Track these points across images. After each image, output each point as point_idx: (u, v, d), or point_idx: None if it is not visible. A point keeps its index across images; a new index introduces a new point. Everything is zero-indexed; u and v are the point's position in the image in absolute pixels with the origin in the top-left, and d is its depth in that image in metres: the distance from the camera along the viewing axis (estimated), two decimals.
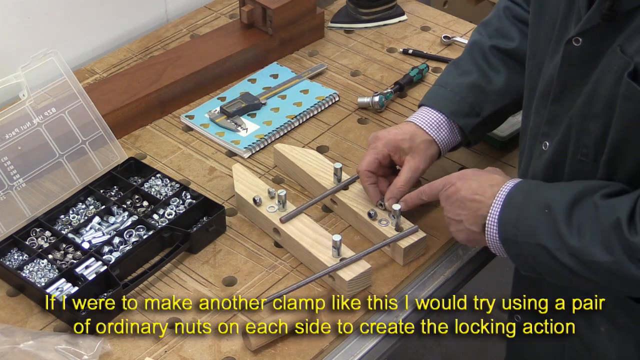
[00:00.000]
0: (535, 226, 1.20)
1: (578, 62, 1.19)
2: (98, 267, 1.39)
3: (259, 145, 1.65)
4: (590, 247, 1.15)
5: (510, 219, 1.24)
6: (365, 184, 1.45)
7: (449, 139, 1.47)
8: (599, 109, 1.17)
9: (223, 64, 1.78)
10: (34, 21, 1.77)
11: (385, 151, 1.44)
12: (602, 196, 1.16)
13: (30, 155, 1.48)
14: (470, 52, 1.50)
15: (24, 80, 1.47)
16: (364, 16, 1.95)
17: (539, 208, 1.20)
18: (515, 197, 1.25)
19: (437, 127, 1.45)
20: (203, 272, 1.42)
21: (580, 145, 1.21)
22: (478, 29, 1.53)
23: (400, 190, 1.43)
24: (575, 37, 1.18)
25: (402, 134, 1.44)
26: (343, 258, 1.37)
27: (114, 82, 1.73)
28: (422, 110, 1.48)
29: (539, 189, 1.24)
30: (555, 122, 1.25)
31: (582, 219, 1.16)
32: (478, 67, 1.48)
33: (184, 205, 1.50)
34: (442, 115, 1.46)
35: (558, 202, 1.19)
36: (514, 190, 1.26)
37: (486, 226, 1.27)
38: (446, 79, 1.50)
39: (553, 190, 1.22)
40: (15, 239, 1.44)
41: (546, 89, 1.26)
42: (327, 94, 1.75)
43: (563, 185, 1.23)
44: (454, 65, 1.52)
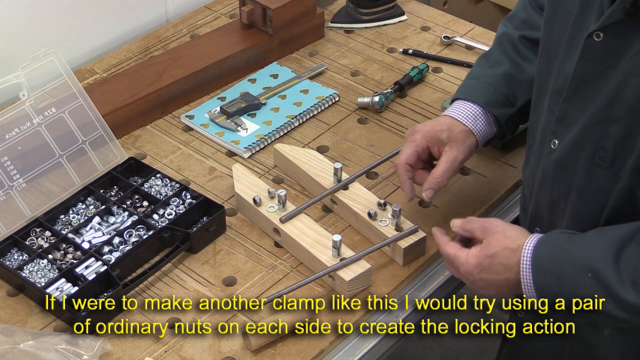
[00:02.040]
0: (582, 293, 1.15)
1: (598, 58, 1.16)
2: (98, 267, 1.39)
3: (259, 145, 1.65)
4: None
5: (546, 286, 1.19)
6: (403, 178, 1.41)
7: (486, 129, 1.45)
8: (622, 112, 1.13)
9: (223, 64, 1.78)
10: (34, 21, 1.77)
11: (424, 143, 1.41)
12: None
13: (30, 155, 1.48)
14: (499, 44, 1.49)
15: (24, 80, 1.47)
16: (364, 16, 1.95)
17: (579, 272, 1.16)
18: (545, 260, 1.20)
19: (474, 118, 1.43)
20: (203, 272, 1.42)
21: (598, 149, 1.18)
22: (504, 22, 1.52)
23: (438, 180, 1.40)
24: (596, 31, 1.15)
25: (439, 125, 1.42)
26: (343, 258, 1.37)
27: (114, 82, 1.73)
28: (456, 104, 1.46)
29: (568, 250, 1.18)
30: (566, 120, 1.23)
31: (634, 271, 1.12)
32: (509, 58, 1.46)
33: (184, 205, 1.50)
34: (477, 107, 1.44)
35: (600, 261, 1.14)
36: (540, 252, 1.20)
37: (524, 292, 1.22)
38: (478, 71, 1.49)
39: (587, 248, 1.17)
40: (15, 239, 1.44)
41: (560, 86, 1.23)
42: (327, 94, 1.75)
43: (595, 239, 1.18)
44: (484, 58, 1.51)
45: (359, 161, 1.61)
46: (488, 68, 1.48)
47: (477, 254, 1.25)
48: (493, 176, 1.59)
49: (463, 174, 1.60)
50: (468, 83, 1.49)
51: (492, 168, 1.61)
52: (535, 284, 1.20)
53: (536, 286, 1.20)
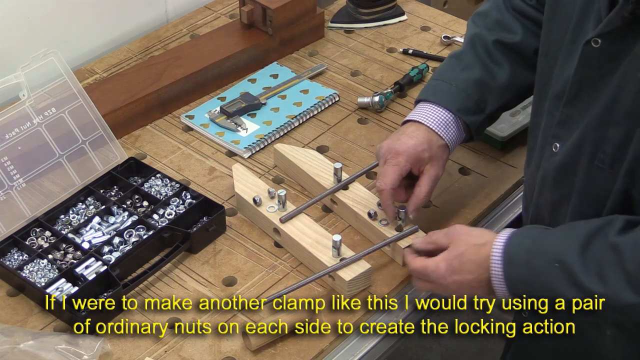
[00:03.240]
0: (550, 282, 1.17)
1: (596, 63, 1.17)
2: (98, 267, 1.39)
3: (259, 145, 1.65)
4: (619, 291, 1.12)
5: (516, 276, 1.21)
6: (388, 202, 1.40)
7: (457, 137, 1.44)
8: (620, 115, 1.14)
9: (223, 64, 1.78)
10: (34, 21, 1.77)
11: (408, 166, 1.39)
12: (618, 233, 1.14)
13: (30, 155, 1.48)
14: (472, 46, 1.46)
15: (24, 80, 1.47)
16: (364, 16, 1.95)
17: (548, 263, 1.18)
18: (516, 251, 1.22)
19: (446, 126, 1.42)
20: (203, 272, 1.42)
21: (597, 151, 1.18)
22: (474, 20, 1.49)
23: (424, 201, 1.41)
24: (594, 38, 1.15)
25: (421, 145, 1.39)
26: (343, 258, 1.37)
27: (114, 82, 1.73)
28: (426, 108, 1.43)
29: (539, 242, 1.21)
30: (567, 124, 1.23)
31: (599, 263, 1.14)
32: (481, 62, 1.44)
33: (184, 205, 1.50)
34: (448, 113, 1.42)
35: (568, 252, 1.16)
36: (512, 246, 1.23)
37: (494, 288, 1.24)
38: (449, 74, 1.46)
39: (556, 240, 1.20)
40: (15, 239, 1.44)
41: (560, 90, 1.24)
42: (327, 94, 1.75)
43: (565, 232, 1.20)
44: (455, 58, 1.48)
45: (359, 161, 1.61)
46: (460, 71, 1.45)
47: (446, 257, 1.27)
48: (493, 176, 1.59)
49: (463, 174, 1.60)
50: (439, 85, 1.46)
51: (492, 168, 1.61)
52: (505, 274, 1.22)
53: (506, 277, 1.22)
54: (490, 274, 1.23)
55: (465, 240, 1.27)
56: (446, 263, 1.27)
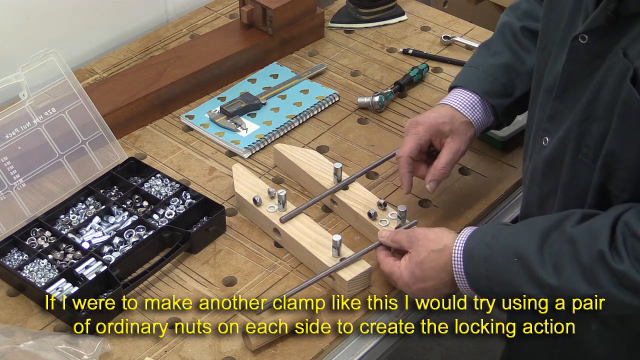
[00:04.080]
0: (511, 278, 1.20)
1: (583, 59, 1.19)
2: (98, 267, 1.39)
3: (259, 145, 1.65)
4: (573, 283, 1.15)
5: (477, 271, 1.24)
6: (404, 170, 1.42)
7: (483, 119, 1.46)
8: (601, 111, 1.16)
9: (223, 64, 1.78)
10: (34, 21, 1.77)
11: (427, 136, 1.42)
12: (574, 225, 1.17)
13: (30, 155, 1.48)
14: (501, 33, 1.50)
15: (24, 80, 1.47)
16: (364, 16, 1.95)
17: (507, 258, 1.20)
18: (476, 248, 1.24)
19: (472, 108, 1.44)
20: (203, 272, 1.42)
21: (581, 145, 1.20)
22: (506, 12, 1.52)
23: (441, 172, 1.41)
24: (581, 34, 1.17)
25: (441, 117, 1.42)
26: (343, 258, 1.37)
27: (114, 82, 1.73)
28: (455, 92, 1.47)
29: (499, 238, 1.23)
30: (556, 119, 1.25)
31: (556, 255, 1.16)
32: (510, 48, 1.47)
33: (184, 205, 1.50)
34: (475, 96, 1.45)
35: (526, 246, 1.18)
36: (472, 242, 1.25)
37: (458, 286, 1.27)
38: (478, 60, 1.50)
39: (515, 235, 1.22)
40: (15, 239, 1.44)
41: (551, 84, 1.26)
42: (327, 94, 1.75)
43: (524, 227, 1.23)
44: (484, 47, 1.52)
45: (359, 161, 1.61)
46: (488, 57, 1.49)
47: (407, 265, 1.30)
48: (493, 176, 1.59)
49: (463, 174, 1.60)
50: (467, 71, 1.50)
51: (492, 168, 1.61)
52: (466, 271, 1.24)
53: (467, 273, 1.24)
54: (453, 274, 1.26)
55: (424, 245, 1.30)
56: (408, 271, 1.30)
